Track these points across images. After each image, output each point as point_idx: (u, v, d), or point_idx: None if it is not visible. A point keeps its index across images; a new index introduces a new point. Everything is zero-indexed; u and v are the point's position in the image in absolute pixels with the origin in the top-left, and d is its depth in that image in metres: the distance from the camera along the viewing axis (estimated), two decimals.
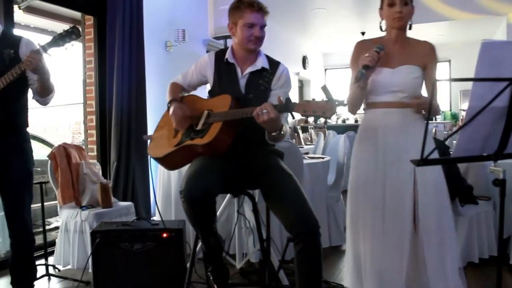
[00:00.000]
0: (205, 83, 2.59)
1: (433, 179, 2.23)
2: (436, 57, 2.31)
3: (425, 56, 2.28)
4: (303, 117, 2.04)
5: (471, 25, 8.42)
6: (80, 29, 4.42)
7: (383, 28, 2.34)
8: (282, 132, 2.19)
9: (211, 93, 2.50)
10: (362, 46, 2.34)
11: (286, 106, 2.02)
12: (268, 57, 2.47)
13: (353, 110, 2.34)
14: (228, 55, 2.43)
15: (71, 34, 2.37)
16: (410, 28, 2.32)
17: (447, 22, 8.27)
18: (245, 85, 2.41)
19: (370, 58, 2.11)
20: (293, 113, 2.06)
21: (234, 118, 2.22)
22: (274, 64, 2.45)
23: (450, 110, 10.97)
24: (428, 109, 1.42)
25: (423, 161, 1.37)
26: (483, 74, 1.35)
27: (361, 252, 2.33)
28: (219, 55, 2.49)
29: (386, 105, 2.28)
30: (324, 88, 2.00)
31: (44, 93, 2.56)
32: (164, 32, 5.20)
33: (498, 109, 1.39)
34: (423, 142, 1.37)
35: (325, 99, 1.96)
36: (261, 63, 2.41)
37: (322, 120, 2.01)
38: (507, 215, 3.23)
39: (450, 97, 11.19)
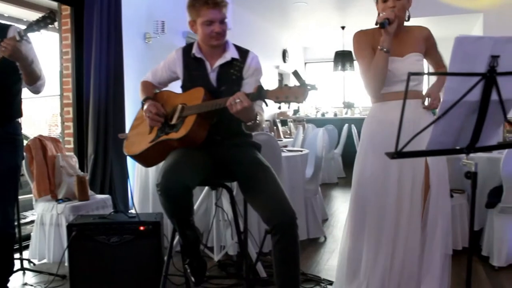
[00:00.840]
0: (176, 79, 2.58)
1: (440, 173, 2.26)
2: (434, 39, 2.39)
3: (425, 41, 2.35)
4: (277, 103, 2.03)
5: (449, 21, 8.52)
6: (61, 23, 4.36)
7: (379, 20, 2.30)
8: (258, 121, 2.19)
9: (184, 88, 2.49)
10: (363, 35, 2.37)
11: (259, 94, 2.02)
12: (236, 47, 2.45)
13: (379, 87, 2.28)
14: (194, 50, 2.42)
15: (47, 19, 2.33)
16: (408, 20, 2.35)
17: (426, 18, 8.37)
18: (216, 78, 2.40)
19: (390, 12, 2.18)
20: (267, 100, 2.05)
21: (207, 110, 2.22)
22: (243, 53, 2.44)
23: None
24: (404, 99, 1.42)
25: (398, 154, 1.39)
26: (457, 69, 1.37)
27: (364, 249, 2.35)
28: (186, 50, 2.48)
29: (398, 96, 2.27)
30: (296, 73, 2.01)
31: (29, 81, 2.49)
32: (142, 24, 5.14)
33: (470, 103, 1.42)
34: (398, 133, 1.39)
35: (297, 84, 1.97)
36: (230, 54, 2.40)
37: (295, 105, 2.02)
38: (479, 208, 3.34)
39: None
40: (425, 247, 2.24)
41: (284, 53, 10.56)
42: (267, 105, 2.13)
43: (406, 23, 2.38)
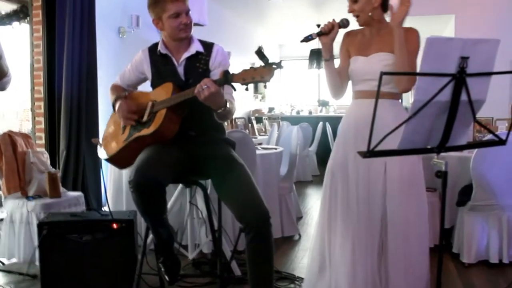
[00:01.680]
0: (144, 80, 2.58)
1: (403, 173, 2.23)
2: (411, 43, 2.20)
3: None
4: (243, 85, 2.04)
5: (421, 21, 8.66)
6: (31, 14, 4.26)
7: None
8: (228, 108, 2.18)
9: (153, 87, 2.48)
10: (346, 36, 2.40)
11: (225, 79, 2.03)
12: (201, 41, 2.45)
13: (332, 93, 2.41)
14: (160, 47, 2.42)
15: (19, 13, 2.28)
16: (385, 11, 2.28)
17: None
18: (183, 72, 2.40)
19: (328, 24, 2.22)
20: (234, 84, 2.07)
21: (177, 102, 2.21)
22: (208, 46, 2.44)
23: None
24: (376, 99, 1.44)
25: (370, 153, 1.41)
26: (427, 69, 1.39)
27: (326, 247, 2.36)
28: (152, 48, 2.48)
29: (361, 95, 2.32)
30: (259, 52, 2.02)
31: None
32: (117, 18, 5.06)
33: (441, 103, 1.44)
34: (370, 132, 1.40)
35: (262, 64, 1.98)
36: (195, 47, 2.40)
37: (264, 89, 2.04)
38: (451, 206, 3.41)
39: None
40: (388, 248, 2.24)
41: (259, 50, 10.56)
42: (234, 89, 2.14)
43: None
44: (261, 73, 1.95)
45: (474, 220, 3.27)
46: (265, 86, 2.12)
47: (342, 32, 2.35)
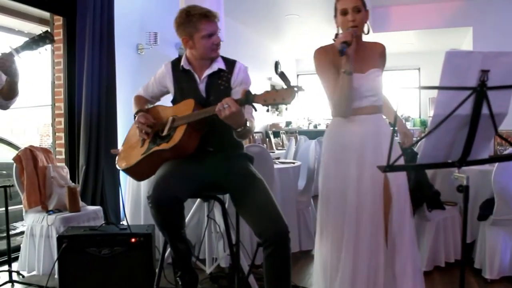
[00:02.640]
0: (167, 93, 2.61)
1: (401, 186, 2.28)
2: (385, 58, 2.41)
3: (379, 57, 2.37)
4: (265, 107, 2.04)
5: (439, 34, 8.63)
6: (53, 33, 4.35)
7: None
8: (248, 127, 2.19)
9: (174, 102, 2.50)
10: (323, 52, 2.35)
11: (246, 99, 2.03)
12: (223, 58, 2.47)
13: (348, 109, 2.27)
14: (183, 62, 2.44)
15: (45, 39, 2.35)
16: (367, 33, 2.34)
17: (417, 31, 8.47)
18: (205, 89, 2.41)
19: (348, 34, 2.14)
20: (255, 105, 2.07)
21: (197, 119, 2.22)
22: (230, 64, 2.46)
23: (420, 117, 11.19)
24: (394, 117, 1.43)
25: (389, 167, 1.39)
26: (447, 83, 1.38)
27: (329, 258, 2.35)
28: (175, 63, 2.50)
29: (361, 111, 2.30)
30: (282, 75, 2.02)
31: (10, 96, 2.51)
32: (135, 35, 5.14)
33: (461, 117, 1.43)
34: (390, 148, 1.39)
35: (284, 86, 1.98)
36: (218, 65, 2.42)
37: (283, 107, 2.05)
38: (472, 220, 3.35)
39: (420, 104, 11.42)
40: (395, 261, 2.24)
41: (276, 65, 10.61)
42: (255, 109, 2.15)
43: (364, 38, 2.38)
44: (282, 95, 1.96)
45: (497, 235, 3.20)
46: (286, 108, 2.14)
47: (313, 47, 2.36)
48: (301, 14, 7.83)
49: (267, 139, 7.25)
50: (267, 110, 2.09)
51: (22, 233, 3.74)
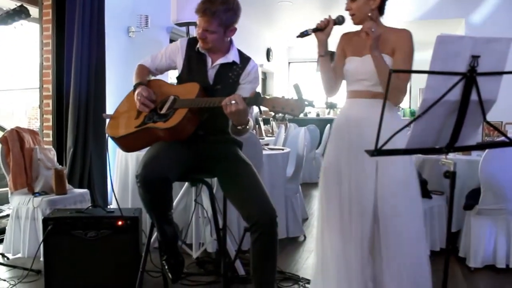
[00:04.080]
0: (174, 68, 2.55)
1: (395, 173, 2.22)
2: (405, 44, 2.22)
3: (393, 43, 2.24)
4: (271, 112, 2.05)
5: (432, 25, 8.63)
6: (42, 13, 4.28)
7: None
8: (247, 127, 2.20)
9: (179, 80, 2.46)
10: (343, 37, 2.41)
11: (255, 100, 2.02)
12: (240, 52, 2.46)
13: (326, 89, 2.40)
14: (199, 44, 2.40)
15: (20, 13, 2.29)
16: (381, 14, 2.30)
17: (409, 22, 8.46)
18: (214, 76, 2.39)
19: (323, 21, 2.26)
20: (262, 107, 2.07)
21: (200, 106, 2.20)
22: (245, 59, 2.44)
23: (410, 107, 11.23)
24: (383, 102, 1.43)
25: (377, 152, 1.39)
26: (438, 68, 1.37)
27: (324, 246, 2.35)
28: (192, 42, 2.46)
29: (354, 95, 2.33)
30: (296, 87, 2.03)
31: None
32: (126, 18, 5.08)
33: (450, 102, 1.42)
34: (378, 131, 1.39)
35: (295, 97, 1.98)
36: (233, 56, 2.40)
37: (288, 117, 2.05)
38: (458, 210, 3.38)
39: (410, 95, 11.46)
40: (382, 254, 2.21)
41: (268, 52, 10.56)
42: (261, 112, 2.14)
43: (387, 24, 2.35)
44: (292, 106, 1.96)
45: (482, 224, 3.23)
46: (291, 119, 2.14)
47: (313, 36, 2.34)
48: (294, 1, 7.78)
49: (257, 125, 7.22)
50: (274, 117, 2.09)
51: (8, 215, 3.71)
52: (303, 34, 2.25)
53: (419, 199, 2.28)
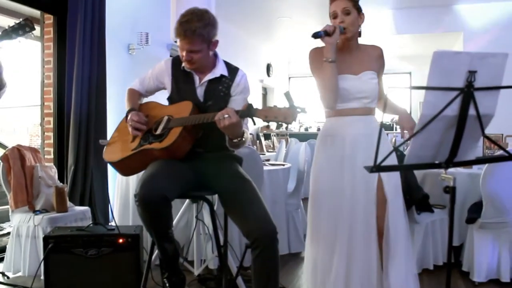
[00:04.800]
0: (163, 88, 2.58)
1: (395, 187, 2.27)
2: (384, 62, 2.41)
3: (377, 60, 2.36)
4: (265, 123, 2.07)
5: (431, 38, 8.69)
6: (43, 32, 4.32)
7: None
8: (243, 139, 2.21)
9: (170, 100, 2.48)
10: (318, 51, 2.35)
11: (248, 112, 2.04)
12: (226, 63, 2.47)
13: (332, 99, 2.25)
14: (185, 65, 2.41)
15: (24, 27, 2.30)
16: (359, 36, 2.36)
17: (409, 35, 8.53)
18: (203, 93, 2.40)
19: (330, 26, 2.22)
20: (255, 119, 2.07)
21: (194, 124, 2.21)
22: (232, 71, 2.45)
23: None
24: (383, 115, 1.43)
25: (377, 168, 1.39)
26: (435, 83, 1.38)
27: (321, 261, 2.34)
28: (176, 62, 2.47)
29: (352, 112, 2.32)
30: (287, 95, 2.03)
31: None
32: (127, 35, 5.12)
33: (449, 117, 1.43)
34: (377, 148, 1.39)
35: (287, 105, 1.98)
36: (220, 70, 2.41)
37: (284, 125, 2.05)
38: (460, 223, 3.36)
39: (410, 108, 11.49)
40: (388, 264, 2.22)
41: (268, 67, 10.62)
42: (254, 123, 2.15)
43: (360, 41, 2.40)
44: (284, 115, 1.97)
45: (484, 238, 3.21)
46: (286, 128, 2.15)
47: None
48: (293, 17, 7.85)
49: (258, 141, 7.23)
50: (267, 126, 2.10)
51: (8, 233, 3.70)
52: (317, 35, 2.20)
53: (405, 216, 2.32)
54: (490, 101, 1.44)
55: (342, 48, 2.34)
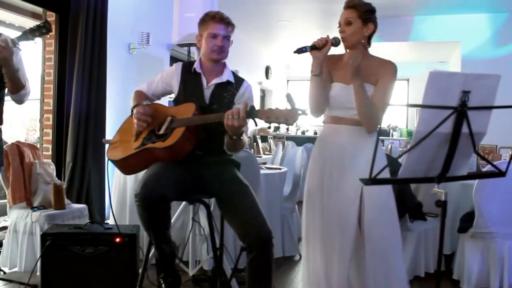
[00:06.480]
0: (170, 92, 2.63)
1: (379, 195, 2.26)
2: (387, 76, 2.27)
3: (377, 73, 2.28)
4: (266, 123, 2.11)
5: (429, 47, 8.76)
6: (51, 24, 4.33)
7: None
8: (242, 139, 2.25)
9: (176, 102, 2.53)
10: (327, 60, 2.34)
11: (250, 113, 2.08)
12: (233, 73, 2.54)
13: (313, 109, 2.33)
14: (196, 65, 2.49)
15: (42, 29, 2.34)
16: (367, 46, 2.34)
17: (407, 43, 8.59)
18: (209, 95, 2.46)
19: (322, 39, 2.22)
20: (257, 120, 2.12)
21: (197, 124, 2.26)
22: (238, 80, 2.53)
23: (407, 127, 11.32)
24: (378, 132, 1.48)
25: (372, 181, 1.44)
26: (430, 101, 1.43)
27: (313, 264, 2.38)
28: (187, 65, 2.54)
29: (337, 120, 2.34)
30: (288, 96, 2.08)
31: (14, 89, 2.48)
32: (127, 34, 5.15)
33: (442, 135, 1.48)
34: (372, 162, 1.44)
35: (288, 107, 2.03)
36: (227, 76, 2.48)
37: (284, 126, 2.10)
38: (452, 232, 3.41)
39: (407, 115, 11.56)
40: (368, 274, 2.25)
41: (267, 70, 10.66)
42: (256, 124, 2.20)
43: (373, 53, 2.38)
44: (285, 116, 2.02)
45: (475, 247, 3.26)
46: (287, 129, 2.19)
47: (330, 51, 2.32)
48: (293, 21, 7.90)
49: (255, 143, 7.28)
50: (269, 127, 2.15)
51: (4, 228, 3.72)
52: (300, 50, 2.22)
53: (397, 219, 2.33)
54: (482, 120, 1.50)
55: (344, 56, 2.34)
